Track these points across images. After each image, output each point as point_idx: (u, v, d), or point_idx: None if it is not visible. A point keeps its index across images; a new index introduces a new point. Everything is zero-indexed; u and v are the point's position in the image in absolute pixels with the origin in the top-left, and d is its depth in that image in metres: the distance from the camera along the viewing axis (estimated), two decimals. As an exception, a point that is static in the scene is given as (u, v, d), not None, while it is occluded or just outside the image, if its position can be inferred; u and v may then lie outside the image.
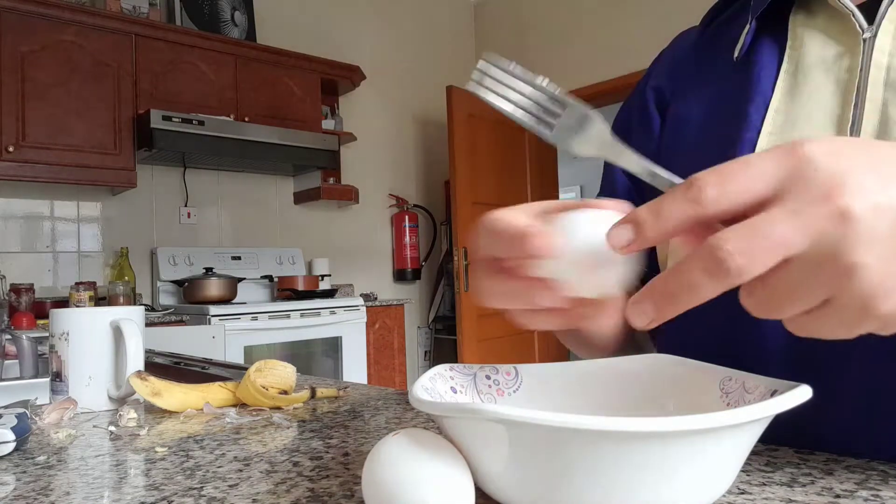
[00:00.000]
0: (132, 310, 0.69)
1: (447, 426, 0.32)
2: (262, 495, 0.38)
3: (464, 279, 3.71)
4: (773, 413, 0.28)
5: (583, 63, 3.97)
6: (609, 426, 0.25)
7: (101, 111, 2.80)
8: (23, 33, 2.63)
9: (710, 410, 0.27)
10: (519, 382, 0.42)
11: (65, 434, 0.54)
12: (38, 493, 0.40)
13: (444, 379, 0.40)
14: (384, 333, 3.44)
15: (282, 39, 3.56)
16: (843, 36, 0.48)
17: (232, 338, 2.71)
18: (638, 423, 0.25)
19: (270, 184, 3.64)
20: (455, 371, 0.41)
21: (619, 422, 0.25)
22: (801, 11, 0.52)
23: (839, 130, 0.46)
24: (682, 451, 0.27)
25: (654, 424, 0.25)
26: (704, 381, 0.38)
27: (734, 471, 0.31)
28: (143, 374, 0.63)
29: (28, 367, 0.94)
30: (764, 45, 0.53)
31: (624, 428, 0.25)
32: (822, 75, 0.48)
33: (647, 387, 0.41)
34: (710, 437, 0.27)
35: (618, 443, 0.26)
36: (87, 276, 2.97)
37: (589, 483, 0.28)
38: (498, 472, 0.30)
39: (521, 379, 0.42)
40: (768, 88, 0.51)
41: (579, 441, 0.27)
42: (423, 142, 4.38)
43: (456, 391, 0.39)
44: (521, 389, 0.42)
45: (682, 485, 0.28)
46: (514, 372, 0.43)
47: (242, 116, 3.18)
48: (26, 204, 2.91)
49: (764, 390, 0.34)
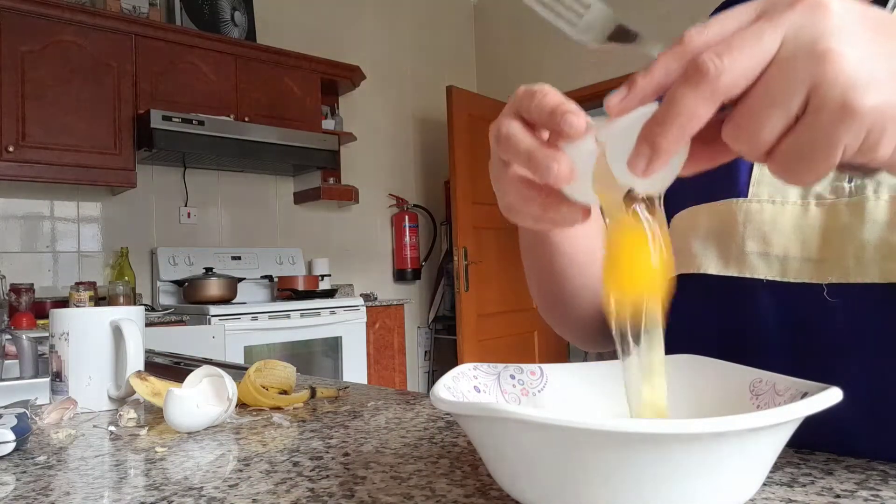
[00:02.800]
0: (132, 310, 0.69)
1: (468, 426, 0.31)
2: (262, 495, 0.38)
3: (464, 279, 3.71)
4: (804, 415, 0.27)
5: (583, 63, 3.97)
6: (639, 429, 0.25)
7: (101, 111, 2.80)
8: (23, 33, 2.63)
9: (740, 412, 0.26)
10: (544, 382, 0.41)
11: (65, 434, 0.54)
12: (38, 493, 0.40)
13: (468, 378, 0.39)
14: (384, 333, 3.44)
15: (282, 39, 3.55)
16: None
17: (232, 338, 2.71)
18: (670, 426, 0.25)
19: (270, 184, 3.64)
20: (479, 370, 0.40)
21: (643, 424, 0.25)
22: None
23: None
24: (721, 449, 0.27)
25: (684, 427, 0.25)
26: (734, 383, 0.38)
27: (763, 474, 0.30)
28: (143, 374, 0.63)
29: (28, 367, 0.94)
30: None
31: (654, 430, 0.25)
32: None
33: (676, 387, 0.41)
34: (743, 438, 0.27)
35: (644, 445, 0.26)
36: (87, 276, 2.97)
37: (618, 487, 0.27)
38: (517, 473, 0.30)
39: (547, 378, 0.42)
40: None
41: (610, 444, 0.26)
42: (423, 142, 4.38)
43: (479, 390, 0.39)
44: (546, 389, 0.41)
45: (711, 486, 0.28)
46: (540, 372, 0.42)
47: (242, 116, 3.18)
48: (26, 204, 2.91)
49: (795, 392, 0.33)
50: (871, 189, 0.43)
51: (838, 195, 0.45)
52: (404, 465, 0.42)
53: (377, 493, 0.37)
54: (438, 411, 0.59)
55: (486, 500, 0.36)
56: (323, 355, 3.10)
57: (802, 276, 0.46)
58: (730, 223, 0.50)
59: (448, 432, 0.51)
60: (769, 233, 0.47)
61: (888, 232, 0.42)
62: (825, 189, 0.46)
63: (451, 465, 0.42)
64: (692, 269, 0.53)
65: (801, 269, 0.46)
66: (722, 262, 0.51)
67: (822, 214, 0.45)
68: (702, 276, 0.52)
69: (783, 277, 0.47)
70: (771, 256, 0.47)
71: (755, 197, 0.48)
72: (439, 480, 0.39)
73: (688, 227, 0.54)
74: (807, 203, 0.46)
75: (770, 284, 0.47)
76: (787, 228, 0.47)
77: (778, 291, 0.47)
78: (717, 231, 0.51)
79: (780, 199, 0.47)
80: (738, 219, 0.49)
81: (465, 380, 0.39)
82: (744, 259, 0.49)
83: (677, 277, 0.56)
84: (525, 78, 4.32)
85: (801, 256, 0.46)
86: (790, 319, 0.47)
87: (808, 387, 0.33)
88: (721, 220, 0.51)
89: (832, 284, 0.45)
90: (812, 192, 0.46)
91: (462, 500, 0.36)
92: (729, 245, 0.50)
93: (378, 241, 4.11)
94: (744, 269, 0.49)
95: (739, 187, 0.50)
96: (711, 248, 0.51)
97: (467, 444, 0.47)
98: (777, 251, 0.47)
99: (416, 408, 0.61)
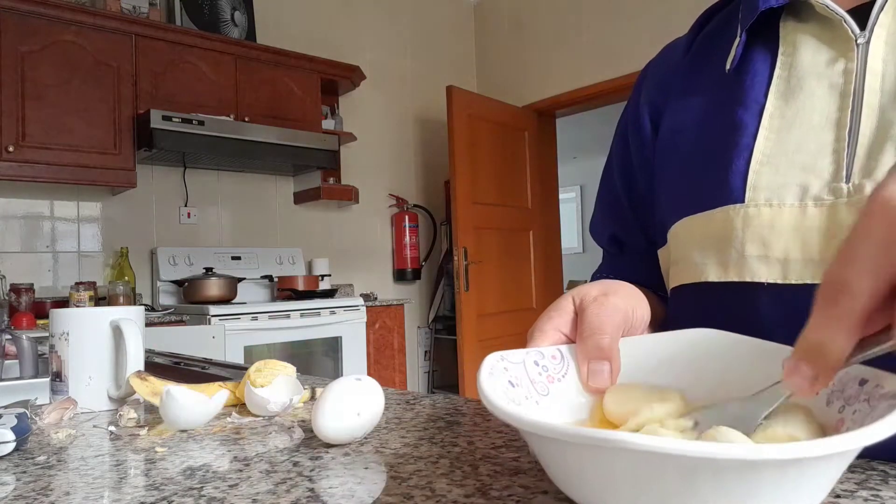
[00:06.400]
0: (132, 310, 0.69)
1: (533, 439, 0.31)
2: (262, 495, 0.38)
3: (464, 279, 3.71)
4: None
5: (583, 63, 3.97)
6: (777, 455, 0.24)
7: (101, 111, 2.80)
8: (23, 33, 2.63)
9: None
10: (566, 367, 0.41)
11: (65, 434, 0.54)
12: (38, 493, 0.40)
13: (500, 372, 0.38)
14: (384, 333, 3.44)
15: (282, 39, 3.56)
16: (835, 41, 0.48)
17: (232, 338, 2.71)
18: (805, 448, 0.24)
19: (270, 184, 3.64)
20: (507, 361, 0.39)
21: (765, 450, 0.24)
22: (791, 18, 0.52)
23: (837, 134, 0.46)
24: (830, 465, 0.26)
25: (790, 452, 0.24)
26: (768, 359, 0.37)
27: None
28: (143, 374, 0.63)
29: (28, 367, 0.94)
30: (755, 54, 0.53)
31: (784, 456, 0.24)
32: (816, 79, 0.48)
33: (703, 363, 0.40)
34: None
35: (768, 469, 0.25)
36: (87, 276, 2.97)
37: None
38: (591, 491, 0.29)
39: (568, 363, 0.41)
40: (761, 94, 0.51)
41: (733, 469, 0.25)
42: (423, 142, 4.38)
43: (514, 384, 0.38)
44: (569, 374, 0.41)
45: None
46: (560, 355, 0.41)
47: (242, 116, 3.18)
48: (26, 204, 2.91)
49: (854, 374, 0.32)
50: (870, 189, 0.43)
51: (837, 196, 0.45)
52: (404, 465, 0.42)
53: (377, 493, 0.37)
54: (438, 411, 0.59)
55: (486, 500, 0.36)
56: (323, 355, 3.10)
57: (805, 277, 0.46)
58: (728, 229, 0.50)
59: (448, 432, 0.51)
60: (768, 236, 0.47)
61: None
62: (822, 190, 0.46)
63: (451, 465, 0.42)
64: (693, 279, 0.53)
65: (803, 270, 0.46)
66: (722, 269, 0.50)
67: (821, 215, 0.45)
68: (703, 283, 0.52)
69: (784, 280, 0.47)
70: (771, 259, 0.47)
71: (752, 202, 0.48)
72: (439, 480, 0.39)
73: (687, 237, 0.54)
74: (804, 205, 0.46)
75: (771, 288, 0.47)
76: (786, 231, 0.47)
77: (780, 294, 0.47)
78: (716, 238, 0.51)
79: (777, 202, 0.47)
80: (737, 224, 0.49)
81: (501, 376, 0.38)
82: (744, 264, 0.49)
83: (679, 287, 0.56)
84: (525, 78, 4.32)
85: (802, 258, 0.46)
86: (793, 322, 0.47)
87: (868, 373, 0.32)
88: (719, 227, 0.50)
89: None
90: (809, 194, 0.46)
91: (462, 500, 0.35)
92: (728, 251, 0.50)
93: (378, 241, 4.11)
94: (744, 274, 0.49)
95: (735, 194, 0.49)
96: (711, 256, 0.51)
97: (467, 445, 0.47)
98: (777, 254, 0.47)
99: (416, 408, 0.61)
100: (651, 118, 0.62)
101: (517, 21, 4.42)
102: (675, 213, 0.56)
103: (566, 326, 0.41)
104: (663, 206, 0.59)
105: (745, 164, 0.49)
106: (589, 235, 0.95)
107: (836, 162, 0.46)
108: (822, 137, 0.47)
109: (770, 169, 0.48)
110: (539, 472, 0.40)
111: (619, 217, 0.68)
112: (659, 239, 0.61)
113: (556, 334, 0.41)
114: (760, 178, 0.48)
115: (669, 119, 0.59)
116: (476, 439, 0.49)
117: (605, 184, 0.70)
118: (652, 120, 0.62)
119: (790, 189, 0.47)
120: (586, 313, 0.40)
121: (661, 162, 0.60)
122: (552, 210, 4.48)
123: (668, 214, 0.58)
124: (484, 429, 0.52)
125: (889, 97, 0.45)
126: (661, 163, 0.60)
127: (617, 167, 0.67)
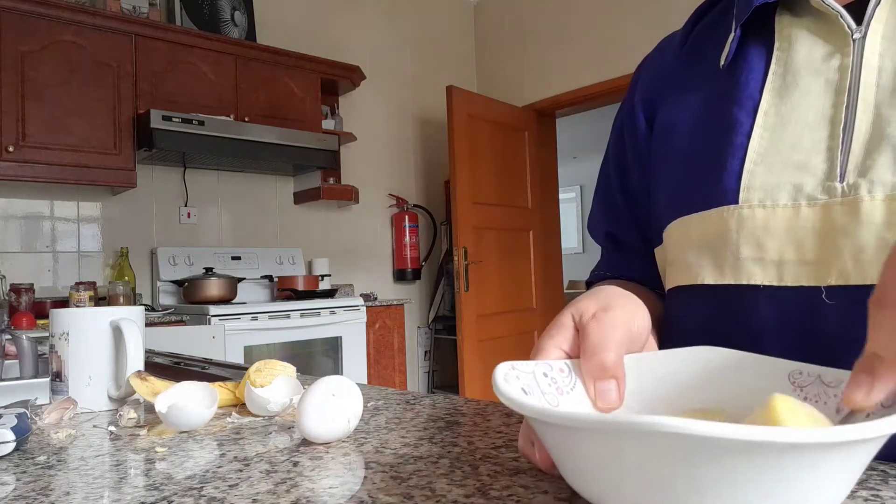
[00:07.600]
0: (132, 310, 0.69)
1: (548, 432, 0.31)
2: (262, 495, 0.38)
3: (464, 279, 3.71)
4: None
5: (583, 63, 3.97)
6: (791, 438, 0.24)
7: (100, 111, 2.80)
8: (23, 33, 2.63)
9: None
10: (573, 381, 0.41)
11: (65, 434, 0.54)
12: (38, 493, 0.40)
13: (513, 379, 0.38)
14: (384, 333, 3.44)
15: (282, 39, 3.56)
16: (831, 36, 0.48)
17: (232, 338, 2.71)
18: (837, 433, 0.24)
19: (270, 184, 3.64)
20: (518, 370, 0.39)
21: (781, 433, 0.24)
22: (787, 13, 0.51)
23: (832, 130, 0.46)
24: (858, 454, 0.26)
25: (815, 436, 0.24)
26: (768, 375, 0.36)
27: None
28: (143, 374, 0.63)
29: (28, 367, 0.94)
30: (750, 49, 0.52)
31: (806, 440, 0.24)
32: (812, 75, 0.48)
33: (705, 380, 0.39)
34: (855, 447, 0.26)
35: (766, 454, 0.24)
36: (87, 276, 2.97)
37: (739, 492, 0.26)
38: (609, 486, 0.29)
39: (575, 378, 0.41)
40: (756, 91, 0.50)
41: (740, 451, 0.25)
42: (423, 142, 4.38)
43: (526, 392, 0.37)
44: (577, 388, 0.40)
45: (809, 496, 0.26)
46: (567, 369, 0.41)
47: (242, 116, 3.18)
48: (26, 204, 2.91)
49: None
50: (866, 189, 0.43)
51: (831, 195, 0.44)
52: (404, 465, 0.42)
53: (377, 493, 0.37)
54: (438, 411, 0.59)
55: (486, 500, 0.36)
56: (323, 355, 3.10)
57: (800, 279, 0.45)
58: (722, 231, 0.49)
59: (448, 432, 0.51)
60: (762, 237, 0.47)
61: (886, 231, 0.42)
62: (816, 189, 0.45)
63: (451, 465, 0.42)
64: (688, 281, 0.53)
65: (798, 272, 0.46)
66: (717, 271, 0.50)
67: (814, 216, 0.45)
68: (698, 286, 0.52)
69: (780, 282, 0.46)
70: (766, 261, 0.47)
71: (746, 203, 0.48)
72: (439, 480, 0.39)
73: (681, 237, 0.54)
74: (798, 205, 0.46)
75: (767, 290, 0.47)
76: (780, 232, 0.46)
77: (775, 296, 0.47)
78: (711, 240, 0.50)
79: (770, 202, 0.47)
80: (731, 226, 0.49)
81: (513, 381, 0.37)
82: (739, 266, 0.48)
83: (675, 289, 0.56)
84: (525, 78, 4.32)
85: (796, 260, 0.46)
86: (789, 324, 0.47)
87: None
88: (713, 228, 0.50)
89: (830, 287, 0.44)
90: (803, 193, 0.46)
91: (462, 500, 0.36)
92: (723, 253, 0.49)
93: (378, 241, 4.11)
94: (740, 276, 0.48)
95: (729, 194, 0.49)
96: (706, 258, 0.51)
97: (467, 445, 0.47)
98: (772, 256, 0.47)
99: (416, 408, 0.61)
100: (646, 115, 0.62)
101: (517, 21, 4.42)
102: (670, 213, 0.56)
103: (567, 343, 0.41)
104: (658, 205, 0.59)
105: (739, 165, 0.49)
106: (589, 235, 0.95)
107: (830, 160, 0.45)
108: (817, 134, 0.46)
109: (764, 168, 0.48)
110: (539, 472, 0.40)
111: (614, 214, 0.67)
112: (654, 237, 0.61)
113: (557, 352, 0.41)
114: (754, 178, 0.48)
115: (664, 115, 0.59)
116: (476, 439, 0.49)
117: (601, 180, 0.70)
118: (646, 116, 0.62)
119: (784, 188, 0.47)
120: (587, 331, 0.40)
121: (656, 160, 0.60)
122: (552, 210, 4.48)
123: (663, 213, 0.58)
124: (484, 429, 0.52)
125: (885, 92, 0.44)
126: (656, 161, 0.60)
127: (613, 164, 0.67)
